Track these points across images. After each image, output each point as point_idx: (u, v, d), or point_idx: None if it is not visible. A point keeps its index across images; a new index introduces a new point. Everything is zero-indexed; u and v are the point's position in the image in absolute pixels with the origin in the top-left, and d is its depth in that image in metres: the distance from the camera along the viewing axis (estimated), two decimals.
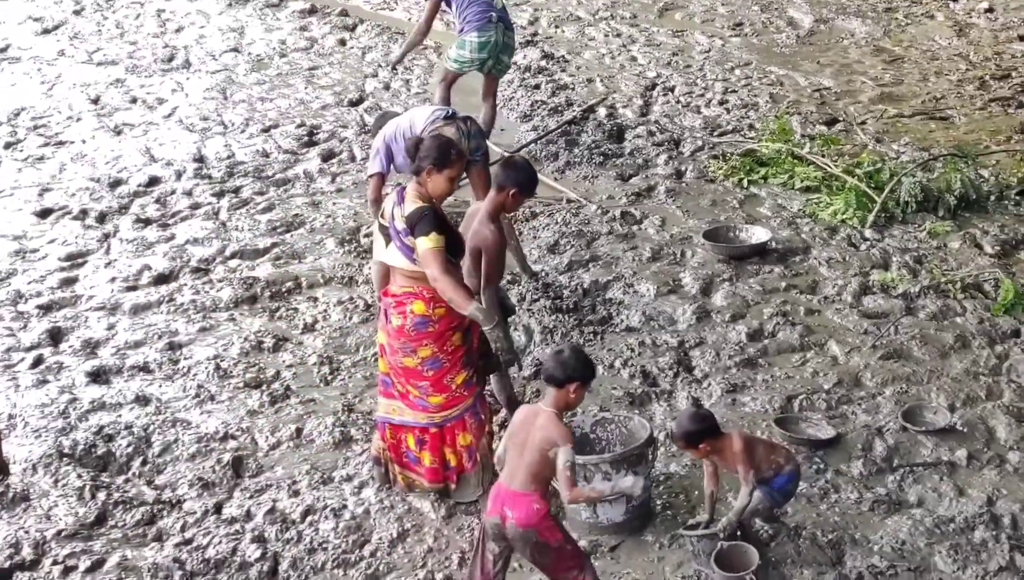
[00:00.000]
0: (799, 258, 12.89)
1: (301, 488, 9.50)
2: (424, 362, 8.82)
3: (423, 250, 8.50)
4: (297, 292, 12.45)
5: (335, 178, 15.08)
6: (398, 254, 8.70)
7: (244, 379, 10.96)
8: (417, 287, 8.71)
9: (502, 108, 17.42)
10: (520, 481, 7.55)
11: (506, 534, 7.58)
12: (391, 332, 8.85)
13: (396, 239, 8.68)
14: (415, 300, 8.72)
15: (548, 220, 13.72)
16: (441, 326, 8.76)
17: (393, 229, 8.68)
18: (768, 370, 10.92)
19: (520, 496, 7.54)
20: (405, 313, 8.74)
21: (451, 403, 8.92)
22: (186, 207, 14.33)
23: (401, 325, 8.77)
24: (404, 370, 8.91)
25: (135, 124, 17.08)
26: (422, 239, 8.50)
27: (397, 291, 8.83)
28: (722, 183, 14.77)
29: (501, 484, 7.64)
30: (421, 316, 8.71)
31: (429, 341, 8.77)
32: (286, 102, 17.83)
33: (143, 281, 12.64)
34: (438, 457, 9.04)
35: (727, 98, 17.79)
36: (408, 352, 8.82)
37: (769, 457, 8.49)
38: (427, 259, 8.51)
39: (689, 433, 8.34)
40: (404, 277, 8.74)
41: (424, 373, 8.85)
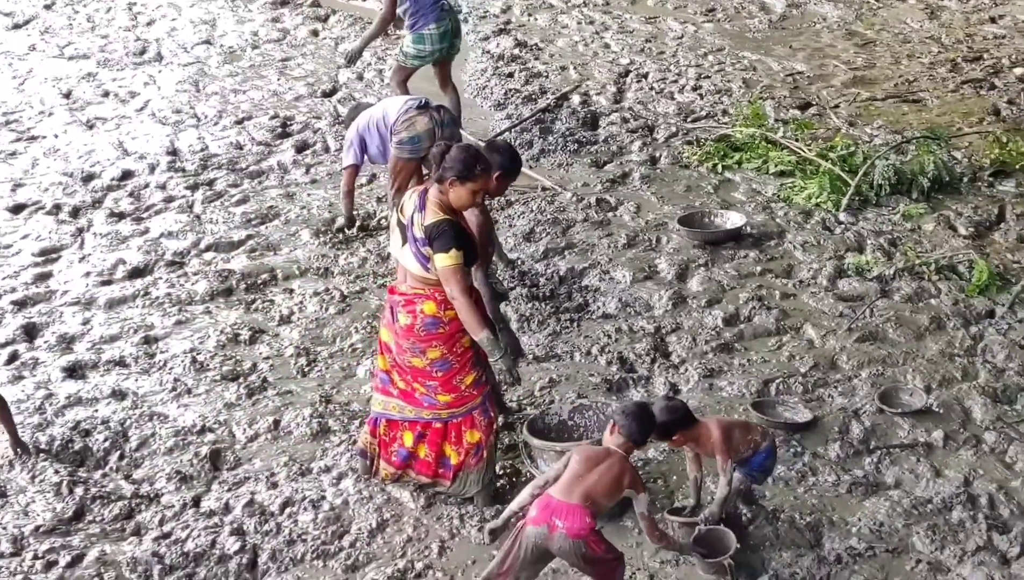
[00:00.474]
0: (774, 242, 12.91)
1: (279, 480, 9.48)
2: (433, 363, 8.73)
3: (443, 267, 8.36)
4: (273, 284, 12.42)
5: (309, 169, 15.05)
6: (412, 259, 8.55)
7: (221, 372, 10.93)
8: (428, 289, 8.58)
9: (475, 97, 17.41)
10: (579, 496, 7.66)
11: (551, 543, 7.60)
12: (399, 331, 8.72)
13: (412, 244, 8.52)
14: (425, 300, 8.59)
15: (523, 208, 13.71)
16: (452, 328, 8.65)
17: (411, 234, 8.52)
18: (744, 354, 10.94)
19: (575, 508, 7.62)
20: (415, 313, 8.62)
21: (460, 402, 8.84)
22: (160, 200, 14.28)
23: (411, 324, 8.65)
24: (412, 369, 8.81)
25: (107, 118, 17.02)
26: (441, 256, 8.35)
27: (407, 290, 8.69)
28: (696, 169, 14.79)
29: (552, 496, 7.65)
30: (432, 317, 8.60)
31: (439, 342, 8.67)
32: (259, 94, 17.78)
33: (118, 275, 12.60)
34: (435, 451, 8.97)
35: (700, 84, 17.80)
36: (417, 352, 8.73)
37: (746, 438, 8.53)
38: (447, 277, 8.38)
39: (661, 425, 8.37)
40: (415, 278, 8.63)
41: (433, 374, 8.77)
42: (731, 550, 8.23)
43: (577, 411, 9.36)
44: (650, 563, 8.50)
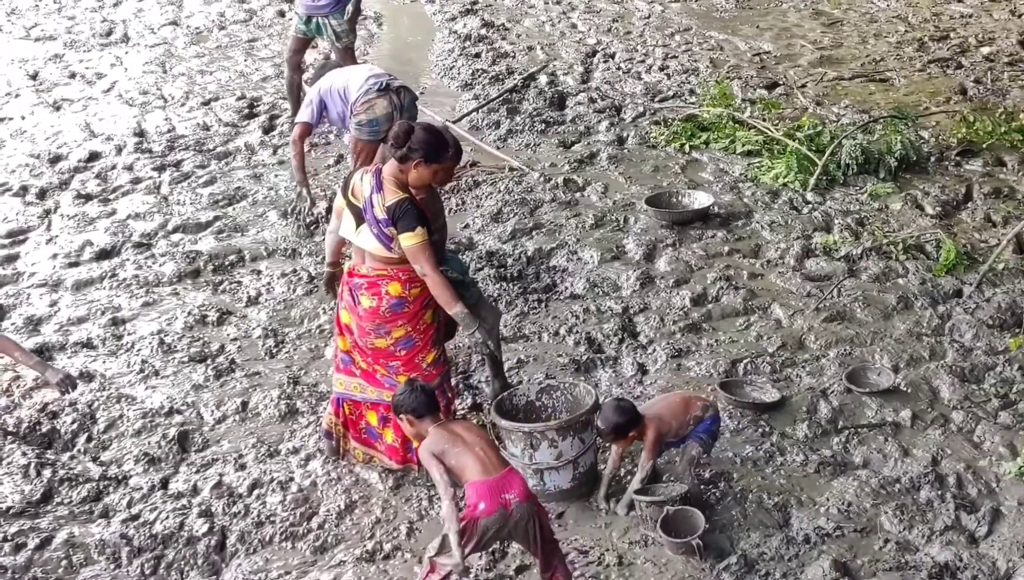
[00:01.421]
0: (741, 222, 12.90)
1: (247, 462, 9.43)
2: (397, 342, 8.72)
3: (411, 245, 8.34)
4: (240, 265, 12.36)
5: (276, 150, 14.99)
6: (373, 240, 8.50)
7: (188, 353, 10.87)
8: (391, 269, 8.54)
9: (442, 77, 17.37)
10: (500, 463, 7.64)
11: (511, 519, 7.54)
12: (362, 314, 8.69)
13: (373, 225, 8.47)
14: (390, 282, 8.56)
15: (491, 189, 13.67)
16: (415, 306, 8.65)
17: (370, 215, 8.46)
18: (712, 334, 10.93)
19: (509, 475, 7.62)
20: (380, 294, 8.58)
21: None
22: (127, 182, 14.20)
23: (375, 307, 8.62)
24: (374, 351, 8.79)
25: (74, 99, 16.93)
26: (407, 235, 8.33)
27: (368, 272, 8.64)
28: (664, 149, 14.78)
29: (485, 480, 7.58)
30: (398, 297, 8.58)
31: (404, 321, 8.66)
32: (226, 75, 17.71)
33: (85, 257, 12.53)
34: (400, 436, 8.95)
35: (667, 64, 17.79)
36: (382, 333, 8.70)
37: (684, 420, 8.70)
38: (416, 255, 8.36)
39: (619, 425, 8.47)
40: (377, 260, 8.57)
41: (396, 353, 8.75)
42: (699, 530, 8.23)
43: (545, 391, 9.31)
44: (619, 543, 8.48)
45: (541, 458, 8.69)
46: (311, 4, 14.61)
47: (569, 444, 8.69)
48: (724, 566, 8.15)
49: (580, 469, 8.81)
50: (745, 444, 9.33)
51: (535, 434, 8.69)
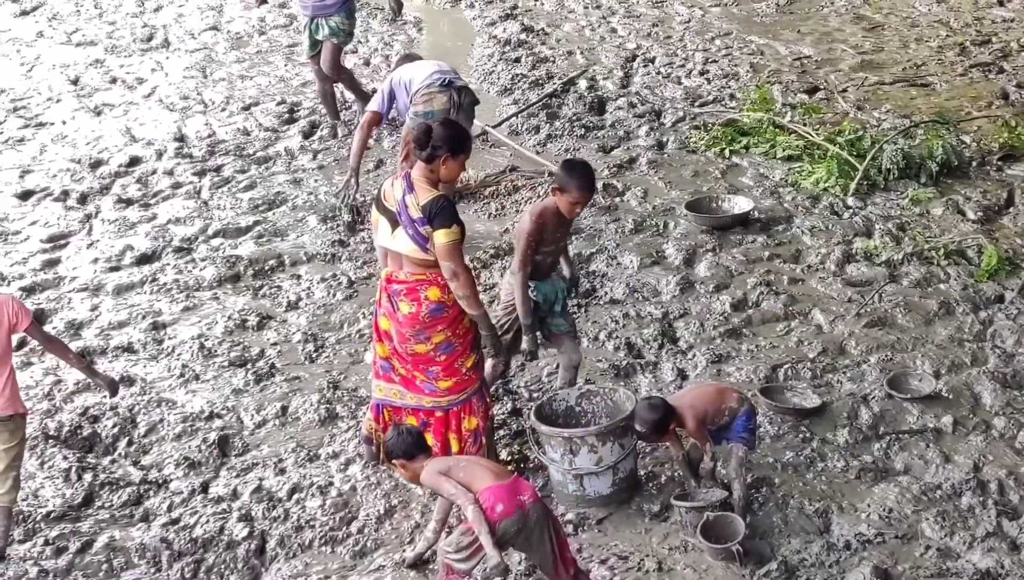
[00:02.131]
0: (782, 227, 12.86)
1: (287, 466, 9.47)
2: (437, 347, 8.70)
3: (444, 243, 8.33)
4: (280, 270, 12.39)
5: (316, 155, 15.02)
6: (409, 242, 8.47)
7: (229, 358, 10.91)
8: (430, 273, 8.52)
9: (482, 82, 17.37)
10: (505, 472, 7.80)
11: (528, 521, 7.58)
12: (402, 320, 8.65)
13: (408, 227, 8.44)
14: (429, 286, 8.54)
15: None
16: (455, 310, 8.62)
17: (405, 217, 8.44)
18: (752, 340, 10.90)
19: (516, 480, 7.73)
20: (419, 300, 8.55)
21: (459, 387, 8.83)
22: (167, 187, 14.26)
23: (414, 312, 8.59)
24: (414, 356, 8.77)
25: (115, 104, 17.00)
26: (443, 232, 8.33)
27: (406, 278, 8.61)
28: (704, 153, 14.74)
29: (498, 484, 7.62)
30: (437, 302, 8.55)
31: (443, 326, 8.64)
32: (266, 80, 17.75)
33: (126, 261, 12.58)
34: (440, 441, 8.94)
35: (708, 68, 17.75)
36: (422, 339, 8.68)
37: (720, 408, 8.67)
38: (449, 252, 8.35)
39: (656, 422, 8.49)
40: (415, 264, 8.56)
41: (436, 358, 8.74)
42: (739, 536, 8.21)
43: (584, 397, 9.31)
44: (659, 549, 8.47)
45: (581, 463, 8.70)
46: (317, 4, 14.65)
47: (609, 449, 8.69)
48: (764, 572, 8.14)
49: (620, 474, 8.81)
50: (786, 450, 9.31)
51: (575, 440, 8.69)
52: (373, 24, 19.73)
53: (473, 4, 20.80)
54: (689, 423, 8.56)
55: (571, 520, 8.68)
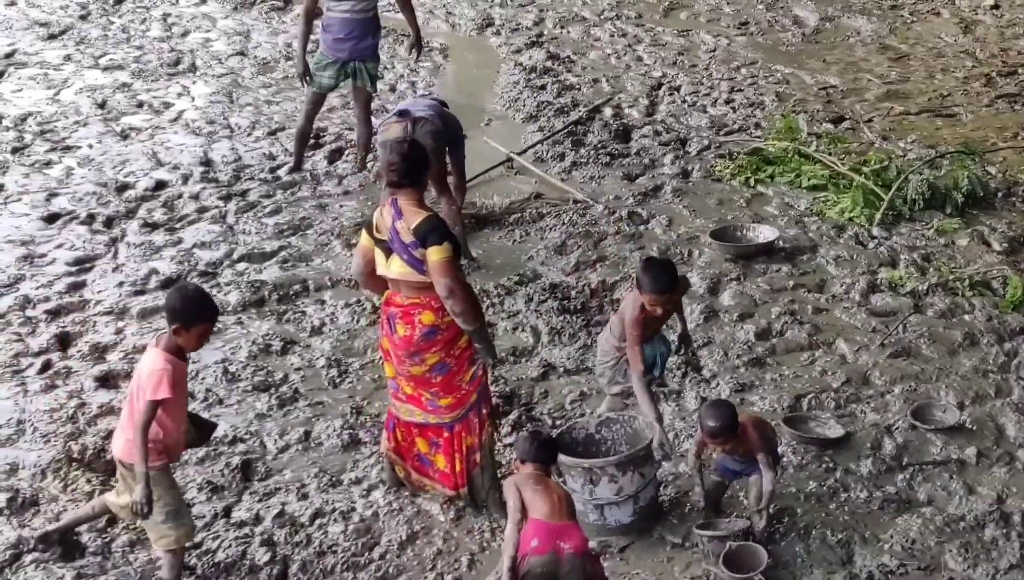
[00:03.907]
0: (807, 257, 12.87)
1: (310, 491, 9.48)
2: (432, 368, 8.77)
3: (438, 260, 8.38)
4: (304, 295, 12.41)
5: (342, 181, 15.04)
6: (405, 267, 8.56)
7: (252, 382, 10.93)
8: (424, 298, 8.60)
9: (507, 109, 17.40)
10: (567, 514, 7.81)
11: (560, 567, 7.63)
12: (397, 342, 8.76)
13: (403, 253, 8.52)
14: (423, 310, 8.62)
15: (555, 221, 13.69)
16: (449, 333, 8.69)
17: (398, 244, 8.52)
18: (776, 369, 10.90)
19: (572, 527, 7.78)
20: (413, 323, 8.65)
21: (459, 403, 8.89)
22: (193, 211, 14.28)
23: (408, 335, 8.68)
24: (412, 378, 8.87)
25: (141, 128, 17.05)
26: (435, 249, 8.38)
27: (403, 302, 8.71)
28: (729, 182, 14.76)
29: (546, 522, 7.66)
30: (430, 326, 8.64)
31: (437, 348, 8.71)
32: (292, 105, 17.79)
33: (151, 285, 12.59)
34: (451, 462, 8.99)
35: (733, 97, 17.77)
36: (416, 361, 8.76)
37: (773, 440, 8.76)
38: (443, 268, 8.40)
39: (732, 420, 8.49)
40: (411, 288, 8.64)
41: (432, 379, 8.81)
42: (762, 566, 8.21)
43: (604, 425, 9.30)
44: (680, 578, 8.48)
45: (601, 493, 8.70)
46: (353, 47, 14.62)
47: (629, 479, 8.69)
48: None
49: (640, 503, 8.82)
50: (809, 480, 9.31)
51: (595, 470, 8.70)
52: (400, 50, 19.76)
53: (499, 31, 20.83)
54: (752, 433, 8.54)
55: (592, 549, 8.68)
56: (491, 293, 12.08)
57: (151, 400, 7.90)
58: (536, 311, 11.72)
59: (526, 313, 11.71)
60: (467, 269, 12.45)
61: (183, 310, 8.02)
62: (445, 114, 12.67)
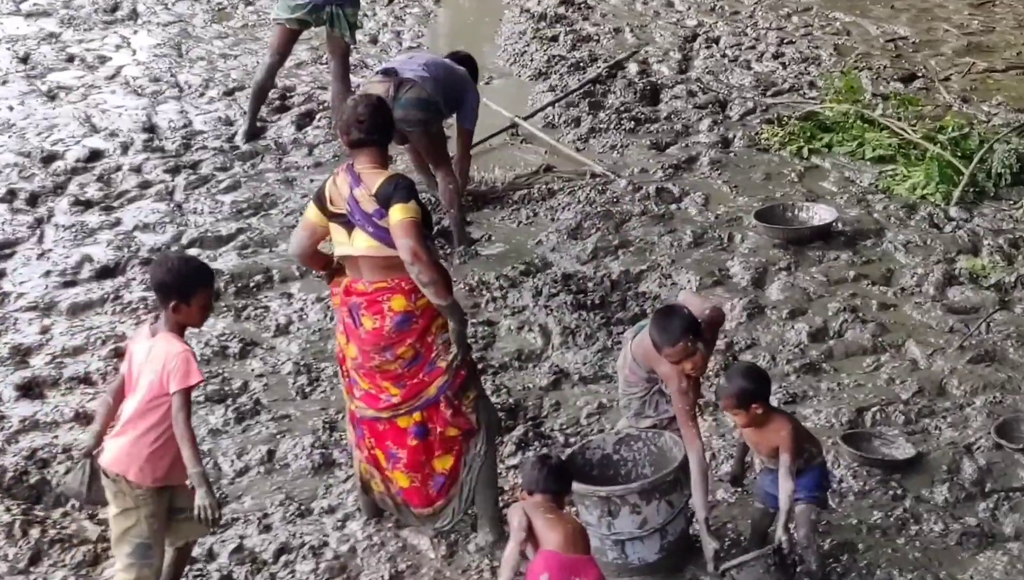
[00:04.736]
0: (871, 242, 12.88)
1: (274, 522, 9.45)
2: (401, 361, 8.65)
3: (401, 219, 8.29)
4: (268, 287, 12.40)
5: (312, 150, 15.05)
6: (371, 240, 8.47)
7: (204, 392, 10.89)
8: (392, 279, 8.51)
9: (512, 65, 17.42)
10: (583, 548, 7.78)
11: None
12: (364, 336, 8.63)
13: (366, 224, 8.44)
14: (393, 295, 8.52)
15: (569, 198, 13.69)
16: (424, 320, 8.59)
17: (359, 214, 8.45)
18: (834, 377, 10.90)
19: (587, 561, 7.75)
20: (382, 312, 8.51)
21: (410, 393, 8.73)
22: (134, 186, 14.28)
23: (378, 328, 8.55)
24: (380, 373, 8.72)
25: (72, 87, 17.07)
26: (399, 207, 8.31)
27: (366, 288, 8.60)
28: (777, 153, 14.77)
29: (559, 554, 7.65)
30: (402, 313, 8.52)
31: (412, 339, 8.61)
32: (253, 59, 17.81)
33: (83, 275, 12.58)
34: (418, 472, 8.84)
35: (783, 51, 17.79)
36: (388, 357, 8.62)
37: (802, 445, 8.56)
38: (406, 229, 8.30)
39: (744, 390, 8.38)
40: (376, 268, 8.55)
41: (400, 372, 8.67)
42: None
43: (623, 443, 9.20)
44: None
45: (622, 527, 8.62)
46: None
47: (655, 509, 8.60)
48: None
49: (669, 538, 8.74)
50: (872, 509, 9.30)
51: (614, 499, 8.59)
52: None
53: None
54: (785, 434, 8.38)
55: None
56: (492, 285, 12.08)
57: (183, 389, 7.94)
58: (546, 307, 11.71)
59: (534, 309, 11.71)
60: (462, 257, 12.48)
61: (176, 282, 7.97)
62: (448, 76, 12.66)
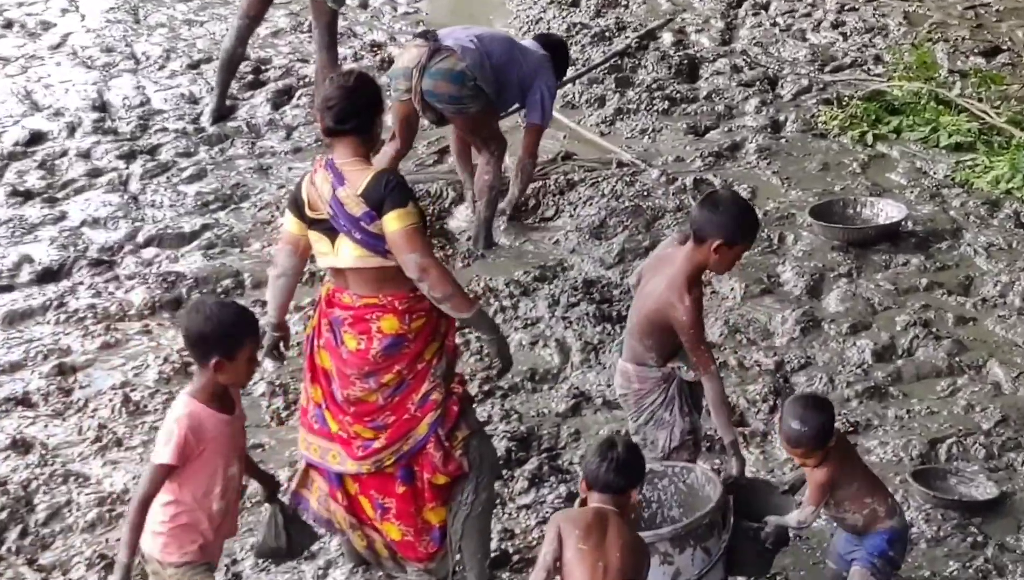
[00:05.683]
0: (946, 244, 12.87)
1: (243, 570, 9.44)
2: (384, 389, 8.49)
3: (399, 229, 8.13)
4: (238, 293, 12.39)
5: (291, 133, 15.07)
6: (360, 249, 8.29)
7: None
8: (384, 295, 8.36)
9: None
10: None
11: None
12: (346, 357, 8.47)
13: (354, 230, 8.25)
14: (383, 315, 8.37)
15: (591, 191, 13.67)
16: (418, 345, 8.46)
17: (344, 218, 8.26)
18: (903, 403, 10.89)
19: None
20: (369, 333, 8.36)
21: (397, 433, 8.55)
22: (82, 174, 14.30)
23: (363, 350, 8.39)
24: (357, 406, 8.54)
25: (10, 58, 17.11)
26: (395, 214, 8.13)
27: (352, 302, 8.44)
28: (837, 138, 14.78)
29: None
30: (393, 336, 8.36)
31: (401, 365, 8.46)
32: (222, 26, 17.83)
33: (22, 278, 12.59)
34: (410, 525, 8.77)
35: (843, 19, 17.81)
36: (369, 384, 8.45)
37: (863, 499, 8.39)
38: (408, 240, 8.15)
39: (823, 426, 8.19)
40: (365, 281, 8.40)
41: (381, 403, 8.52)
42: None
43: (646, 480, 9.12)
44: None
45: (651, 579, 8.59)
46: None
47: (689, 558, 8.47)
48: None
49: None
50: (948, 559, 9.28)
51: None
52: None
53: None
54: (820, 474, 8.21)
55: None
56: (501, 292, 12.06)
57: (153, 464, 7.67)
58: (564, 318, 11.70)
59: (550, 321, 11.70)
60: (467, 259, 12.46)
61: (219, 333, 7.64)
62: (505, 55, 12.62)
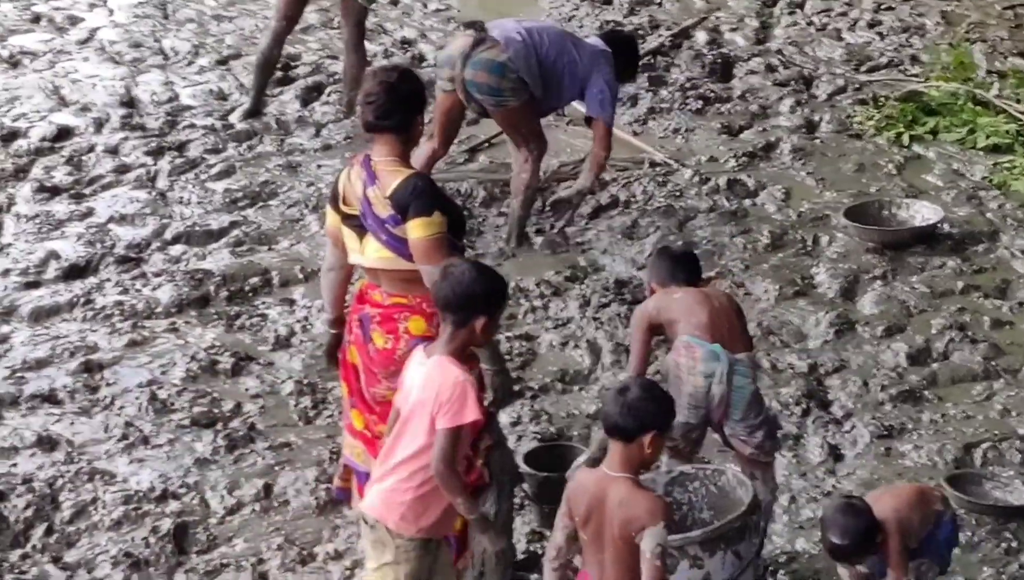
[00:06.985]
0: (983, 247, 12.86)
1: (270, 569, 9.43)
2: None
3: (422, 237, 8.13)
4: (266, 292, 12.40)
5: (320, 130, 15.07)
6: (384, 250, 8.32)
7: (191, 414, 10.89)
8: (412, 296, 8.36)
9: None
10: None
11: None
12: (373, 355, 8.49)
13: (379, 230, 8.28)
14: (411, 315, 8.38)
15: (623, 191, 13.68)
16: None
17: (372, 218, 8.29)
18: (938, 406, 10.88)
19: None
20: (396, 333, 8.38)
21: None
22: (109, 170, 14.31)
23: (389, 348, 8.40)
24: (383, 404, 8.59)
25: (38, 53, 17.12)
26: (420, 222, 8.12)
27: (382, 300, 8.47)
28: (872, 139, 14.78)
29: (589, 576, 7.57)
30: (420, 337, 8.30)
31: None
32: (252, 22, 17.85)
33: (48, 275, 12.60)
34: None
35: (880, 18, 17.79)
36: (395, 385, 8.41)
37: (925, 513, 8.42)
38: (428, 251, 8.14)
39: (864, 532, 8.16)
40: (394, 280, 8.41)
41: None
42: None
43: (677, 483, 9.12)
44: None
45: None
46: None
47: (719, 562, 8.46)
48: None
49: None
50: (982, 565, 9.28)
51: (671, 550, 8.56)
52: None
53: None
54: (893, 543, 8.20)
55: None
56: (531, 293, 12.07)
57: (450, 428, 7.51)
58: (595, 319, 11.71)
59: (580, 322, 11.72)
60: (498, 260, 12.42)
61: (487, 293, 7.66)
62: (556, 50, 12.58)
